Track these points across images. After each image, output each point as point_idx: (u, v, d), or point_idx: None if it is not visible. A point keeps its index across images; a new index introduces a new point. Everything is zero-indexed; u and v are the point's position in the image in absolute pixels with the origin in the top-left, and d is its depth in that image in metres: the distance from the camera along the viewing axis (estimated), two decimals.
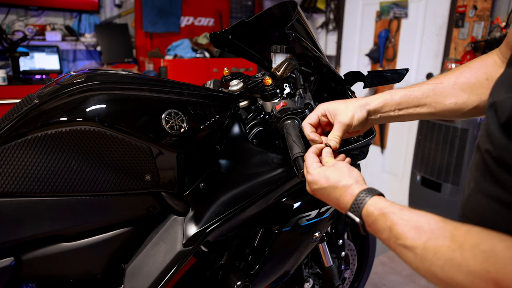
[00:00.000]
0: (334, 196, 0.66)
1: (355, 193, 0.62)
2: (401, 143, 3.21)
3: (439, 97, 0.76)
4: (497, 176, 0.50)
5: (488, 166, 0.51)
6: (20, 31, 3.18)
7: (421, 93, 0.77)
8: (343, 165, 0.69)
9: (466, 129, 2.35)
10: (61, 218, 0.82)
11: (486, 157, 0.52)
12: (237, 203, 0.93)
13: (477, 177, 0.55)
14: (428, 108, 0.78)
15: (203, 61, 3.55)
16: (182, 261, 0.88)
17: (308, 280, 1.38)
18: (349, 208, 0.62)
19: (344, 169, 0.68)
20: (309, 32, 1.00)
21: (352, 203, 0.62)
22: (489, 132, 0.51)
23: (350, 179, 0.65)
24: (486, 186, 0.53)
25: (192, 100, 0.91)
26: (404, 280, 2.27)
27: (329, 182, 0.67)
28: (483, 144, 0.53)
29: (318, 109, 0.81)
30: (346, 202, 0.63)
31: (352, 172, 0.67)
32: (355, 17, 3.55)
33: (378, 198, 0.61)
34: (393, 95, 0.79)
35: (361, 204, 0.60)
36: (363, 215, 0.60)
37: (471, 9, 2.56)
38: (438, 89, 0.76)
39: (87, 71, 0.90)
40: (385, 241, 0.57)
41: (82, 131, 0.77)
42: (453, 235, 0.48)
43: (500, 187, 0.49)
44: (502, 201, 0.49)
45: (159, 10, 3.70)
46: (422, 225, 0.52)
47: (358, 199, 0.61)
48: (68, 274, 0.90)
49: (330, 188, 0.67)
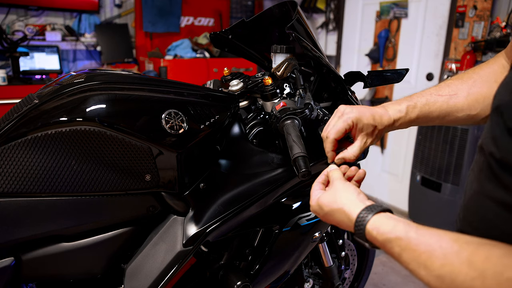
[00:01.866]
0: (338, 220, 0.63)
1: (354, 216, 0.58)
2: (401, 143, 3.21)
3: (452, 110, 0.75)
4: (501, 178, 0.49)
5: (492, 169, 0.51)
6: (20, 31, 3.18)
7: (437, 109, 0.76)
8: (337, 184, 0.66)
9: (466, 129, 2.35)
10: (61, 218, 0.82)
11: (491, 159, 0.51)
12: (237, 203, 0.93)
13: (480, 179, 0.55)
14: (439, 122, 0.78)
15: (203, 61, 3.55)
16: (182, 261, 0.88)
17: (308, 280, 1.38)
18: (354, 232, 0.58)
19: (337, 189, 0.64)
20: (309, 32, 1.00)
21: (354, 227, 0.58)
22: (494, 135, 0.50)
23: (344, 199, 0.61)
24: (489, 188, 0.52)
25: (192, 100, 0.91)
26: (404, 280, 2.27)
27: (323, 210, 0.64)
28: (487, 147, 0.52)
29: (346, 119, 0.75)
30: (350, 226, 0.60)
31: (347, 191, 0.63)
32: (355, 17, 3.55)
33: (379, 218, 0.56)
34: (409, 112, 0.76)
35: (362, 227, 0.56)
36: (369, 240, 0.56)
37: (471, 9, 2.56)
38: (453, 102, 0.75)
39: (87, 71, 0.90)
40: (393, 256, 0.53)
41: (82, 131, 0.77)
42: (470, 262, 0.44)
43: (504, 190, 0.49)
44: (504, 203, 0.49)
45: (159, 10, 3.70)
46: (433, 250, 0.47)
47: (358, 222, 0.57)
48: (68, 274, 0.90)
49: (330, 214, 0.64)
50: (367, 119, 0.74)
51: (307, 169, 0.79)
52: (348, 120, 0.74)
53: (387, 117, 0.76)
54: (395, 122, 0.77)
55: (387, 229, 0.53)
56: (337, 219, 0.63)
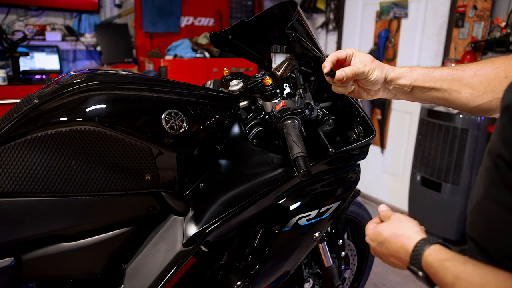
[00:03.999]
0: (393, 249, 0.63)
1: (413, 244, 0.58)
2: (401, 143, 3.21)
3: (456, 83, 0.75)
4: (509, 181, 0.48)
5: (501, 172, 0.49)
6: (20, 31, 3.18)
7: (440, 75, 0.77)
8: (398, 216, 0.67)
9: (466, 129, 2.35)
10: (61, 218, 0.82)
11: (499, 162, 0.50)
12: (237, 203, 0.93)
13: (486, 183, 0.53)
14: (442, 93, 0.78)
15: (203, 61, 3.55)
16: (182, 261, 0.88)
17: (308, 280, 1.38)
18: (409, 261, 0.58)
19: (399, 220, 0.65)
20: (309, 32, 1.00)
21: (411, 255, 0.58)
22: (504, 136, 0.48)
23: (406, 229, 0.62)
24: (495, 192, 0.51)
25: (192, 100, 0.91)
26: (403, 280, 2.27)
27: (383, 236, 0.65)
28: (496, 149, 0.51)
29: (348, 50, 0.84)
30: (405, 255, 0.60)
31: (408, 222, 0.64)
32: (355, 17, 3.55)
33: (438, 247, 0.56)
34: (412, 70, 0.80)
35: (419, 255, 0.56)
36: (424, 267, 0.56)
37: (471, 9, 2.56)
38: (458, 75, 0.76)
39: (87, 71, 0.90)
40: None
41: (82, 131, 0.77)
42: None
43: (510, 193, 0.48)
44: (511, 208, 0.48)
45: (159, 10, 3.70)
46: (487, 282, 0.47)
47: (416, 249, 0.57)
48: (68, 274, 0.90)
49: (386, 242, 0.64)
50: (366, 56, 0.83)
51: (307, 169, 0.79)
52: (348, 50, 0.84)
53: (386, 66, 0.82)
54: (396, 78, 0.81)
55: (445, 256, 0.53)
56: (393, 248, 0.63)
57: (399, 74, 0.80)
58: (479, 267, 0.50)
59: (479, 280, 0.48)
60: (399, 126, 3.23)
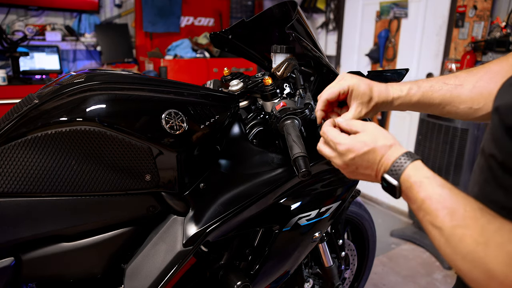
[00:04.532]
0: (373, 160, 0.62)
1: (396, 156, 0.59)
2: (401, 143, 3.19)
3: (455, 100, 0.75)
4: (501, 181, 0.49)
5: (493, 171, 0.50)
6: (20, 31, 3.18)
7: (440, 96, 0.75)
8: (374, 126, 0.65)
9: (466, 129, 2.35)
10: (61, 218, 0.82)
11: (491, 162, 0.50)
12: (237, 203, 0.93)
13: (480, 182, 0.54)
14: (440, 110, 0.77)
15: (203, 61, 3.55)
16: (182, 261, 0.88)
17: (308, 280, 1.38)
18: (387, 170, 0.59)
19: (376, 130, 0.64)
20: (309, 32, 1.00)
21: (391, 165, 0.58)
22: (495, 136, 0.49)
23: (387, 139, 0.62)
24: (489, 191, 0.51)
25: (192, 100, 0.91)
26: (403, 280, 2.27)
27: (367, 146, 0.62)
28: (488, 149, 0.52)
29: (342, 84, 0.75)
30: (385, 165, 0.60)
31: (385, 132, 0.63)
32: (355, 17, 3.55)
33: (420, 163, 0.57)
34: (410, 94, 0.76)
35: (401, 167, 0.57)
36: (402, 180, 0.56)
37: (471, 9, 2.56)
38: (457, 91, 0.75)
39: (87, 71, 0.90)
40: (414, 211, 0.55)
41: (82, 131, 0.77)
42: (483, 228, 0.45)
43: (504, 193, 0.48)
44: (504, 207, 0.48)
45: (159, 10, 3.70)
46: (456, 209, 0.49)
47: (398, 161, 0.58)
48: (68, 274, 0.90)
49: (369, 153, 0.62)
50: (364, 89, 0.74)
51: (307, 169, 0.79)
52: (344, 85, 0.75)
53: (385, 92, 0.76)
54: (394, 101, 0.77)
55: (426, 174, 0.54)
56: (374, 159, 0.62)
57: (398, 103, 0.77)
58: (454, 193, 0.51)
59: (449, 204, 0.49)
60: (399, 126, 3.23)
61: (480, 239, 0.45)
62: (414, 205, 0.55)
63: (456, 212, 0.48)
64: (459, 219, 0.48)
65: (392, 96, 0.76)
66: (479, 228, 0.46)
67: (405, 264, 2.44)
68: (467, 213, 0.48)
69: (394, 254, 2.55)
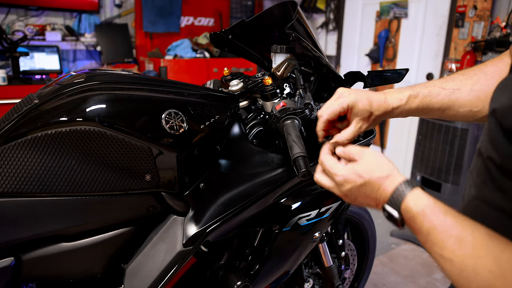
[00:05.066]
0: (371, 191, 0.60)
1: (394, 186, 0.57)
2: (401, 143, 3.21)
3: (454, 105, 0.75)
4: (499, 184, 0.48)
5: (491, 173, 0.50)
6: (20, 31, 3.18)
7: (439, 101, 0.75)
8: (370, 155, 0.63)
9: (466, 129, 2.35)
10: (61, 218, 0.82)
11: (489, 164, 0.50)
12: (237, 203, 0.93)
13: (478, 183, 0.54)
14: (439, 114, 0.77)
15: (203, 61, 3.55)
16: (182, 261, 0.88)
17: (308, 280, 1.38)
18: (387, 201, 0.57)
19: (374, 159, 0.62)
20: (309, 32, 1.00)
21: (390, 196, 0.57)
22: (492, 138, 0.49)
23: (383, 170, 0.60)
24: (487, 194, 0.51)
25: (192, 100, 0.91)
26: (404, 280, 2.27)
27: (362, 178, 0.60)
28: (485, 151, 0.51)
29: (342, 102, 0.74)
30: (384, 196, 0.58)
31: (384, 161, 0.61)
32: (355, 17, 3.55)
33: (420, 191, 0.55)
34: (410, 102, 0.75)
35: (400, 198, 0.55)
36: (402, 210, 0.55)
37: (471, 9, 2.56)
38: (455, 96, 0.75)
39: (87, 71, 0.90)
40: (421, 243, 0.52)
41: (82, 131, 0.77)
42: (497, 258, 0.43)
43: (502, 195, 0.48)
44: (503, 210, 0.48)
45: (159, 10, 3.70)
46: (464, 237, 0.46)
47: (397, 192, 0.56)
48: (68, 274, 0.90)
49: (365, 185, 0.60)
50: (363, 105, 0.74)
51: (307, 169, 0.79)
52: (343, 104, 0.74)
53: (385, 104, 0.75)
54: (394, 110, 0.76)
55: (427, 203, 0.52)
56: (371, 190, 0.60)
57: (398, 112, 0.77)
58: (459, 220, 0.49)
59: (456, 233, 0.47)
60: (399, 126, 3.23)
61: (496, 270, 0.43)
62: (420, 237, 0.52)
63: (464, 240, 0.46)
64: (468, 248, 0.45)
65: (391, 106, 0.76)
66: (493, 258, 0.43)
67: (405, 264, 2.44)
68: (476, 241, 0.45)
69: (394, 254, 2.55)
